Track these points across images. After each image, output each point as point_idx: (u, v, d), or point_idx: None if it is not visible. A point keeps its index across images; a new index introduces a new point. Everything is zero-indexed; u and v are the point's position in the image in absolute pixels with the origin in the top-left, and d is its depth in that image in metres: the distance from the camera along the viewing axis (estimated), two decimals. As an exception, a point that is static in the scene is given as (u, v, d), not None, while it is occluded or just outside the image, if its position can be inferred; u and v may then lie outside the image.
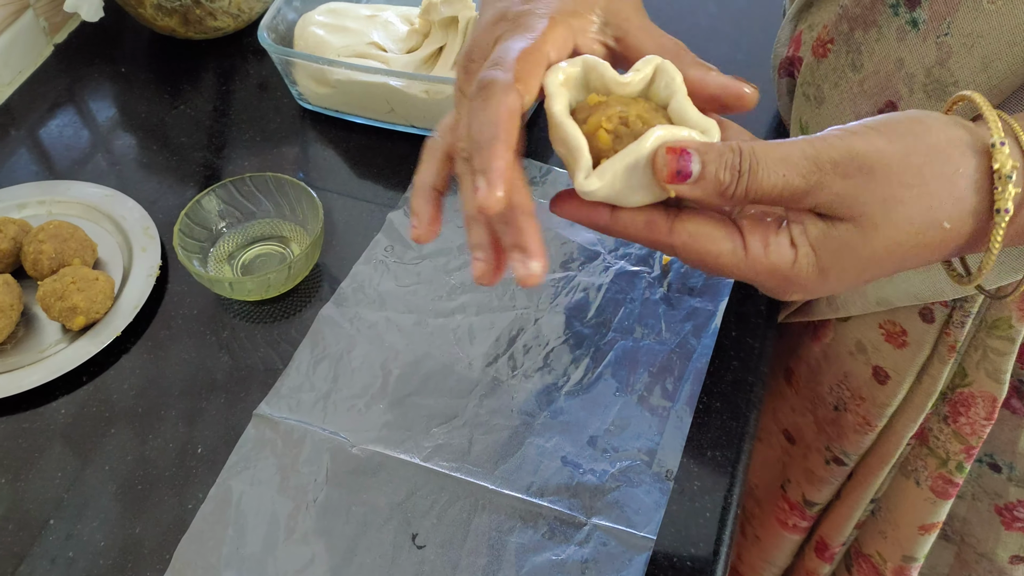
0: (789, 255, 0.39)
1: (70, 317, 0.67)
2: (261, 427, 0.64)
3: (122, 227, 0.75)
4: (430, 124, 0.81)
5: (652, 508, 0.60)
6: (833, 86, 0.58)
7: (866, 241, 0.39)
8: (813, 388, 0.73)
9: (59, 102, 0.89)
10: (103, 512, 0.61)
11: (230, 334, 0.70)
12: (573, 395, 0.66)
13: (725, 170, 0.38)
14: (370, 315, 0.70)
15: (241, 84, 0.90)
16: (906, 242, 0.39)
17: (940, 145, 0.39)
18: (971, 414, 0.64)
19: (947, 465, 0.67)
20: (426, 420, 0.64)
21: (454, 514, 0.60)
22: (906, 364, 0.65)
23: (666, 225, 0.40)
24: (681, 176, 0.38)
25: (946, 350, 0.62)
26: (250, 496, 0.61)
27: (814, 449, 0.75)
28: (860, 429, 0.69)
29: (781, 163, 0.38)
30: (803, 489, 0.78)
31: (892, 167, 0.38)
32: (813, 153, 0.38)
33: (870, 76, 0.55)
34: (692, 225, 0.40)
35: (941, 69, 0.51)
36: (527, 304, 0.71)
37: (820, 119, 0.60)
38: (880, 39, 0.54)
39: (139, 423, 0.65)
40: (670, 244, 0.41)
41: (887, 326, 0.64)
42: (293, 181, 0.73)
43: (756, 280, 0.41)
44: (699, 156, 0.38)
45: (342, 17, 0.85)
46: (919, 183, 0.38)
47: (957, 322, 0.61)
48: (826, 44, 0.58)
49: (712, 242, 0.40)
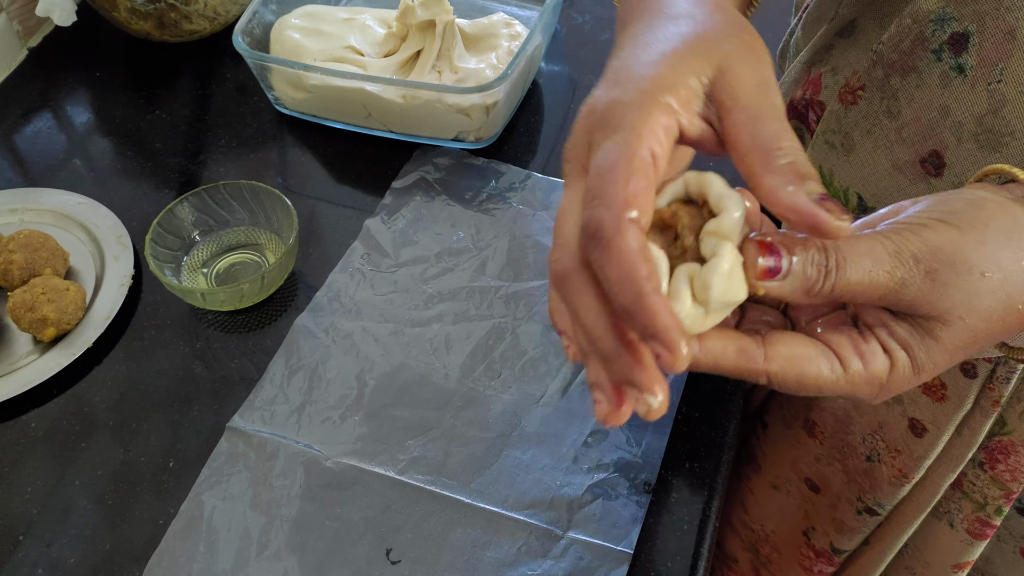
0: (885, 362, 0.38)
1: (40, 328, 0.66)
2: (234, 440, 0.63)
3: (95, 235, 0.74)
4: (407, 129, 0.80)
5: (629, 521, 0.59)
6: (865, 133, 0.56)
7: (952, 334, 0.38)
8: (843, 438, 0.70)
9: (33, 107, 0.87)
10: (74, 528, 0.60)
11: (204, 344, 0.69)
12: (551, 406, 0.65)
13: (812, 266, 0.37)
14: (346, 325, 0.69)
15: (218, 88, 0.89)
16: (987, 330, 0.38)
17: (1008, 229, 0.38)
18: (1011, 461, 0.62)
19: (985, 509, 0.65)
20: (402, 432, 0.64)
21: (429, 529, 0.59)
22: (945, 418, 0.62)
23: (759, 352, 0.38)
24: (771, 273, 0.36)
25: (990, 404, 0.60)
26: (222, 511, 0.60)
27: (844, 499, 0.73)
28: (896, 481, 0.67)
29: (866, 258, 0.37)
30: (831, 537, 0.75)
31: (972, 259, 0.37)
32: (894, 249, 0.37)
33: (909, 123, 0.52)
34: (786, 348, 0.38)
35: (994, 118, 0.48)
36: (505, 313, 0.70)
37: (850, 167, 0.57)
38: (920, 85, 0.51)
39: (112, 436, 0.64)
40: (766, 371, 0.38)
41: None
42: (268, 189, 0.72)
43: (853, 392, 0.39)
44: (786, 252, 0.37)
45: (319, 21, 0.84)
46: (996, 271, 0.38)
47: (1002, 378, 0.58)
48: (856, 91, 0.55)
49: (810, 363, 0.38)
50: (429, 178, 0.79)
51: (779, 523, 0.82)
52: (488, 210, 0.77)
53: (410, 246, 0.74)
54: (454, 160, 0.81)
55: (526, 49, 0.77)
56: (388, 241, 0.74)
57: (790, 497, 0.79)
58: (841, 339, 0.39)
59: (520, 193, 0.78)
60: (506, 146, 0.83)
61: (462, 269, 0.73)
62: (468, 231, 0.75)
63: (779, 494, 0.80)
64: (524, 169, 0.80)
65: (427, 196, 0.78)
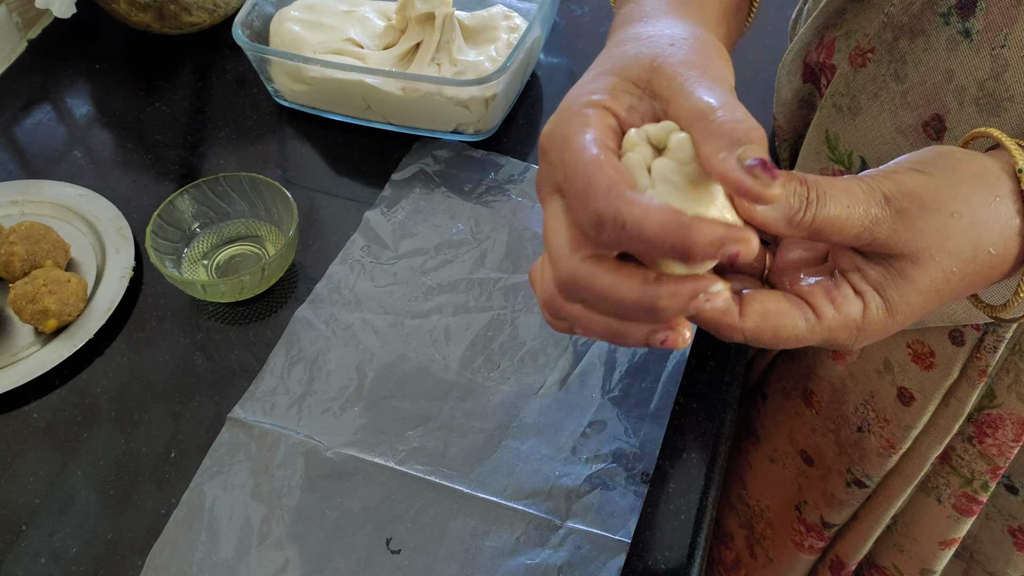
0: (858, 305, 0.39)
1: (42, 320, 0.67)
2: (235, 431, 0.63)
3: (96, 227, 0.75)
4: (406, 121, 0.80)
5: (627, 511, 0.60)
6: (872, 97, 0.56)
7: (925, 273, 0.39)
8: (837, 408, 0.71)
9: (33, 99, 0.88)
10: (76, 518, 0.61)
11: (205, 336, 0.70)
12: (549, 397, 0.65)
13: (794, 196, 0.38)
14: (346, 316, 0.70)
15: (218, 80, 0.89)
16: (959, 271, 0.39)
17: (976, 174, 0.40)
18: (999, 435, 0.62)
19: (972, 484, 0.66)
20: (401, 423, 0.64)
21: (429, 518, 0.60)
22: (933, 386, 0.63)
23: (735, 309, 0.39)
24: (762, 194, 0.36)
25: (976, 374, 0.61)
26: (223, 501, 0.60)
27: (835, 471, 0.74)
28: (883, 452, 0.68)
29: (844, 194, 0.38)
30: (821, 511, 0.76)
31: (941, 199, 0.39)
32: (868, 188, 0.38)
33: (915, 87, 0.53)
34: (760, 305, 0.39)
35: (996, 83, 0.49)
36: (504, 305, 0.70)
37: (855, 130, 0.58)
38: (928, 49, 0.52)
39: (114, 427, 0.65)
40: (740, 328, 0.39)
41: (915, 346, 0.63)
42: (268, 181, 0.72)
43: (831, 339, 0.40)
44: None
45: (318, 13, 0.84)
46: (966, 210, 0.39)
47: (989, 347, 0.59)
48: (865, 53, 0.56)
49: (784, 317, 0.39)
50: (428, 170, 0.79)
51: (773, 498, 0.82)
52: (487, 202, 0.77)
53: (409, 238, 0.75)
54: (453, 152, 0.81)
55: (525, 41, 0.77)
56: (388, 233, 0.75)
57: (786, 471, 0.80)
58: (813, 289, 0.40)
59: (519, 185, 0.78)
60: (505, 138, 0.83)
61: (461, 261, 0.73)
62: (467, 223, 0.76)
63: (776, 467, 0.81)
64: (523, 161, 0.80)
65: (426, 188, 0.78)
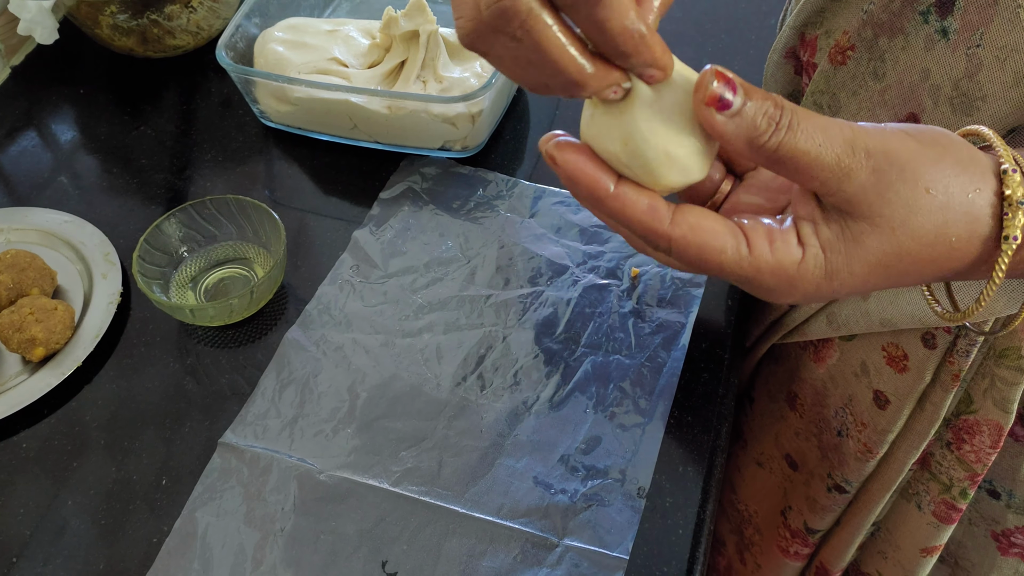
0: (796, 253, 0.38)
1: (29, 349, 0.66)
2: (227, 456, 0.63)
3: (82, 254, 0.74)
4: (393, 139, 0.80)
5: (625, 527, 0.59)
6: (851, 95, 0.56)
7: (879, 244, 0.37)
8: (819, 411, 0.71)
9: (18, 125, 0.87)
10: (68, 548, 0.60)
11: (195, 360, 0.69)
12: (543, 414, 0.65)
13: (763, 117, 0.36)
14: (336, 337, 0.69)
15: (203, 103, 0.89)
16: (913, 252, 0.38)
17: (965, 161, 0.38)
18: (976, 442, 0.62)
19: (951, 491, 0.66)
20: (395, 444, 0.64)
21: (424, 539, 0.59)
22: (906, 389, 0.63)
23: (667, 214, 0.38)
24: (721, 104, 0.35)
25: (949, 379, 0.60)
26: (216, 528, 0.60)
27: (816, 476, 0.73)
28: (861, 456, 0.68)
29: (820, 132, 0.36)
30: (805, 516, 0.76)
31: (921, 172, 0.37)
32: (851, 136, 0.36)
33: (893, 86, 0.53)
34: (694, 218, 0.38)
35: (969, 82, 0.49)
36: (495, 321, 0.70)
37: None
38: (906, 47, 0.52)
39: (104, 454, 0.64)
40: (668, 235, 0.38)
41: (889, 348, 0.63)
42: (255, 203, 0.72)
43: (757, 279, 0.38)
44: (743, 92, 0.36)
45: (302, 33, 0.84)
46: (942, 192, 0.37)
47: (962, 351, 0.59)
48: (845, 51, 0.56)
49: (714, 236, 0.37)
50: (416, 188, 0.79)
51: (761, 503, 0.82)
52: (476, 218, 0.77)
53: (399, 256, 0.74)
54: (441, 169, 0.81)
55: (510, 57, 0.77)
56: (377, 252, 0.74)
57: (772, 475, 0.80)
58: (755, 224, 0.38)
59: (507, 201, 0.78)
60: (492, 154, 0.83)
61: (451, 278, 0.73)
62: (456, 240, 0.75)
63: (762, 471, 0.81)
64: (511, 177, 0.80)
65: (415, 206, 0.78)
